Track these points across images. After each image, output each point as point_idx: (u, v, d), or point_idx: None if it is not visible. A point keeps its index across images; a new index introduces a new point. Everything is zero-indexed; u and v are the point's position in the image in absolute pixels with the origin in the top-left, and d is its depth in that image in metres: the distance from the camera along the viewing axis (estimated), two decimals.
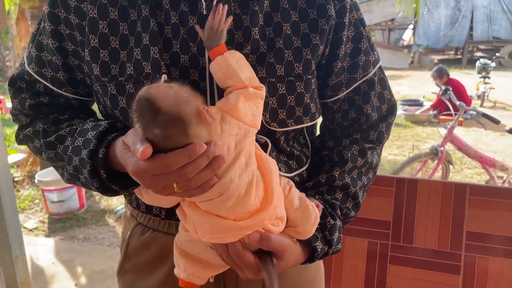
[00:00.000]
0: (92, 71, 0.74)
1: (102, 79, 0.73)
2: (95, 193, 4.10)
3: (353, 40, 0.79)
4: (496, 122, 3.22)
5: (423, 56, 13.10)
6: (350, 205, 0.81)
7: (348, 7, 0.77)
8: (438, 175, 3.63)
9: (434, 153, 3.44)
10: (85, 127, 0.74)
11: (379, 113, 0.84)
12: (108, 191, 0.73)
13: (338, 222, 0.78)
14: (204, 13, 0.70)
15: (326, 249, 0.76)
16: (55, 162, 0.79)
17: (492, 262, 1.19)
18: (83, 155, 0.71)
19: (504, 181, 3.43)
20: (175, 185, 0.59)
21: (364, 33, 0.80)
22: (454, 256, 1.22)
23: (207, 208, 0.65)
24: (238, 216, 0.65)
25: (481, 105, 7.23)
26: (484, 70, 7.82)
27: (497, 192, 1.21)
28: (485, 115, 3.27)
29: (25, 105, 0.80)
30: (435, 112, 6.24)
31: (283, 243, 0.70)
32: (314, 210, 0.73)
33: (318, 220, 0.74)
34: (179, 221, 0.72)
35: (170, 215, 0.79)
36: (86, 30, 0.72)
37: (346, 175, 0.81)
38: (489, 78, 7.44)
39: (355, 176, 0.82)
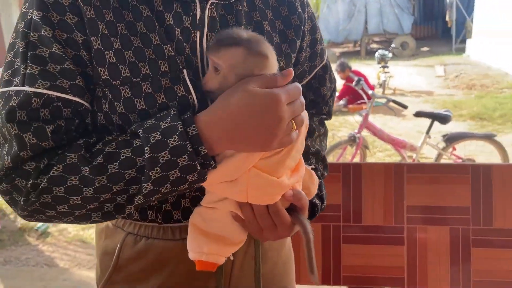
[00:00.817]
0: (99, 75, 0.68)
1: (113, 82, 0.69)
2: (9, 211, 3.78)
3: (311, 32, 0.88)
4: (405, 107, 3.55)
5: (326, 50, 13.80)
6: (321, 167, 0.94)
7: (306, 2, 0.87)
8: (356, 159, 3.91)
9: (352, 139, 3.71)
10: (149, 124, 0.65)
11: (330, 91, 0.96)
12: (205, 174, 0.66)
13: (321, 181, 0.89)
14: (198, 15, 0.72)
15: (320, 204, 0.86)
16: (104, 193, 0.64)
17: (430, 231, 1.34)
18: (173, 143, 0.62)
19: (413, 160, 3.80)
20: (293, 122, 0.65)
21: (317, 25, 0.90)
22: (398, 229, 1.35)
23: (267, 166, 0.68)
24: (282, 174, 0.69)
25: (383, 93, 7.85)
26: (383, 60, 8.48)
27: (430, 168, 1.36)
28: (394, 102, 3.58)
29: (47, 135, 0.65)
30: (343, 102, 6.66)
31: (307, 200, 0.75)
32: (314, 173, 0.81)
33: (318, 182, 0.81)
34: (176, 224, 0.73)
35: (167, 219, 0.78)
36: (87, 32, 0.67)
37: (314, 143, 0.93)
38: (387, 67, 8.09)
39: (320, 143, 0.95)
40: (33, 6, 0.66)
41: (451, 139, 3.47)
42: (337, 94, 6.93)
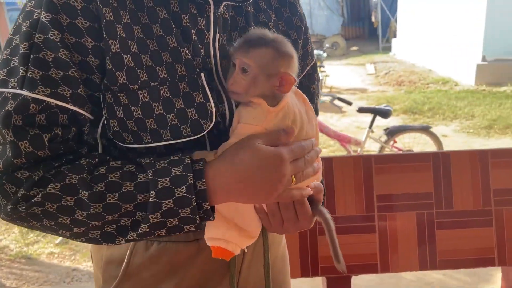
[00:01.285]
0: (116, 80, 0.65)
1: (131, 86, 0.66)
2: None
3: (304, 32, 0.89)
4: (349, 103, 3.70)
5: None
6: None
7: (299, 2, 0.89)
8: None
9: None
10: (161, 165, 0.64)
11: (318, 90, 0.98)
12: (202, 227, 0.69)
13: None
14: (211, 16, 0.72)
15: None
16: (95, 220, 0.63)
17: (399, 217, 1.42)
18: (179, 194, 0.63)
19: (358, 153, 3.97)
20: (293, 177, 0.67)
21: (307, 25, 0.92)
22: (370, 218, 1.42)
23: None
24: None
25: (321, 91, 8.12)
26: (318, 60, 8.76)
27: (395, 158, 1.45)
28: (340, 99, 3.72)
29: (44, 145, 0.62)
30: None
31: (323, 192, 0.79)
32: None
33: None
34: None
35: None
36: (104, 34, 0.64)
37: None
38: (323, 67, 8.37)
39: None
40: (41, 6, 0.63)
41: (392, 133, 3.67)
42: None
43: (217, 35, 0.74)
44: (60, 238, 3.23)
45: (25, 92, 0.61)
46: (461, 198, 1.43)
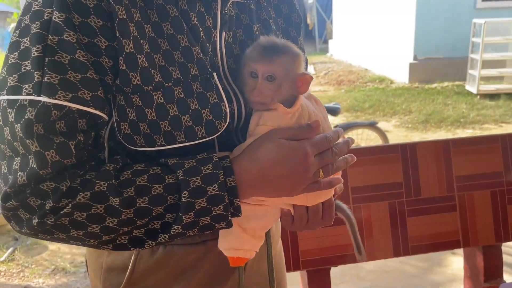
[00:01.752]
0: (129, 81, 0.62)
1: (145, 88, 0.64)
2: None
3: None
4: None
5: None
6: None
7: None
8: None
9: None
10: (190, 165, 0.64)
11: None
12: (231, 224, 0.67)
13: None
14: (218, 13, 0.71)
15: None
16: (126, 226, 0.62)
17: (373, 208, 1.48)
18: (212, 192, 0.63)
19: None
20: (321, 171, 0.66)
21: None
22: None
23: None
24: None
25: None
26: None
27: (367, 151, 1.51)
28: None
29: (71, 152, 0.60)
30: None
31: None
32: None
33: None
34: None
35: None
36: (118, 34, 0.61)
37: None
38: None
39: None
40: (51, 5, 0.59)
41: (342, 129, 3.80)
42: None
43: (223, 33, 0.73)
44: (6, 254, 3.03)
45: (44, 99, 0.58)
46: (428, 186, 1.51)
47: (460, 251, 2.73)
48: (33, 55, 0.59)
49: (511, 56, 6.79)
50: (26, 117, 0.58)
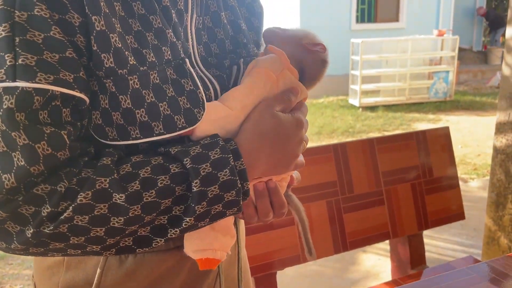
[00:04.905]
0: (101, 63, 0.54)
1: (120, 71, 0.55)
2: None
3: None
4: None
5: None
6: None
7: None
8: None
9: None
10: (195, 151, 0.58)
11: None
12: (242, 209, 0.63)
13: None
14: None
15: None
16: (133, 224, 0.55)
17: (313, 207, 1.51)
18: (224, 177, 0.58)
19: None
20: (304, 144, 0.65)
21: None
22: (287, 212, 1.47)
23: None
24: None
25: None
26: None
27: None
28: None
29: (64, 143, 0.52)
30: None
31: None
32: None
33: None
34: None
35: None
36: (86, 9, 0.52)
37: None
38: None
39: None
40: None
41: None
42: None
43: (194, 17, 0.68)
44: None
45: (22, 83, 0.49)
46: (359, 183, 1.59)
47: (370, 248, 2.93)
48: (0, 36, 0.49)
49: (385, 72, 7.56)
50: (4, 106, 0.49)
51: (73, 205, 0.51)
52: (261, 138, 0.63)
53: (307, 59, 0.72)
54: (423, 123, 6.35)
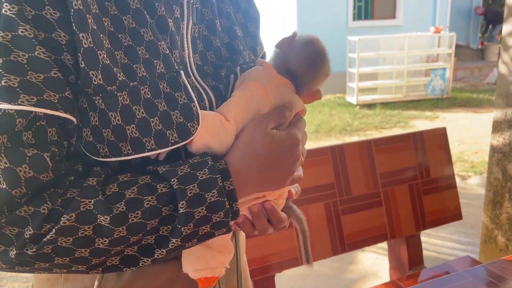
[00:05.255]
0: (90, 80, 0.54)
1: (108, 88, 0.55)
2: None
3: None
4: None
5: None
6: None
7: None
8: None
9: None
10: (183, 171, 0.57)
11: None
12: (231, 230, 0.62)
13: None
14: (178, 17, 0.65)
15: None
16: (118, 245, 0.54)
17: (310, 209, 1.51)
18: (211, 199, 0.57)
19: None
20: (301, 157, 0.63)
21: None
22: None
23: None
24: None
25: None
26: None
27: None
28: None
29: (47, 165, 0.51)
30: None
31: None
32: None
33: None
34: None
35: None
36: (74, 27, 0.52)
37: None
38: None
39: None
40: None
41: None
42: None
43: (190, 25, 0.68)
44: None
45: (4, 106, 0.49)
46: (357, 184, 1.59)
47: (368, 247, 2.93)
48: None
49: (382, 70, 7.57)
50: None
51: (56, 227, 0.50)
52: (252, 157, 0.62)
53: (290, 59, 0.68)
54: (421, 120, 6.36)
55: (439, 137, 1.77)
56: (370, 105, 7.31)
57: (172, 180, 0.56)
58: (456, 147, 5.09)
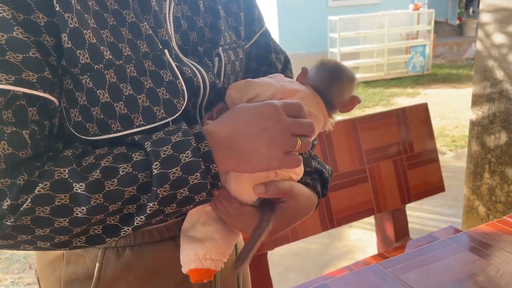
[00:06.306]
0: (77, 60, 0.55)
1: (96, 66, 0.56)
2: None
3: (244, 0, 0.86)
4: None
5: None
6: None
7: None
8: None
9: None
10: (158, 136, 0.58)
11: (280, 62, 0.91)
12: (212, 195, 0.61)
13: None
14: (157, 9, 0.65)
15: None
16: (98, 213, 0.55)
17: None
18: (186, 159, 0.56)
19: None
20: (299, 140, 0.60)
21: None
22: None
23: None
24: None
25: None
26: None
27: None
28: None
29: (25, 143, 0.53)
30: None
31: (285, 188, 0.73)
32: None
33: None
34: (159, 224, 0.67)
35: None
36: (58, 7, 0.53)
37: None
38: None
39: None
40: None
41: None
42: None
43: (172, 5, 0.69)
44: None
45: None
46: (343, 162, 1.63)
47: (355, 223, 3.01)
48: None
49: (363, 48, 7.62)
50: None
51: (31, 196, 0.51)
52: (229, 121, 0.61)
53: (313, 85, 0.75)
54: (402, 97, 6.44)
55: (421, 113, 1.81)
56: None
57: (146, 143, 0.57)
58: (437, 122, 5.19)
